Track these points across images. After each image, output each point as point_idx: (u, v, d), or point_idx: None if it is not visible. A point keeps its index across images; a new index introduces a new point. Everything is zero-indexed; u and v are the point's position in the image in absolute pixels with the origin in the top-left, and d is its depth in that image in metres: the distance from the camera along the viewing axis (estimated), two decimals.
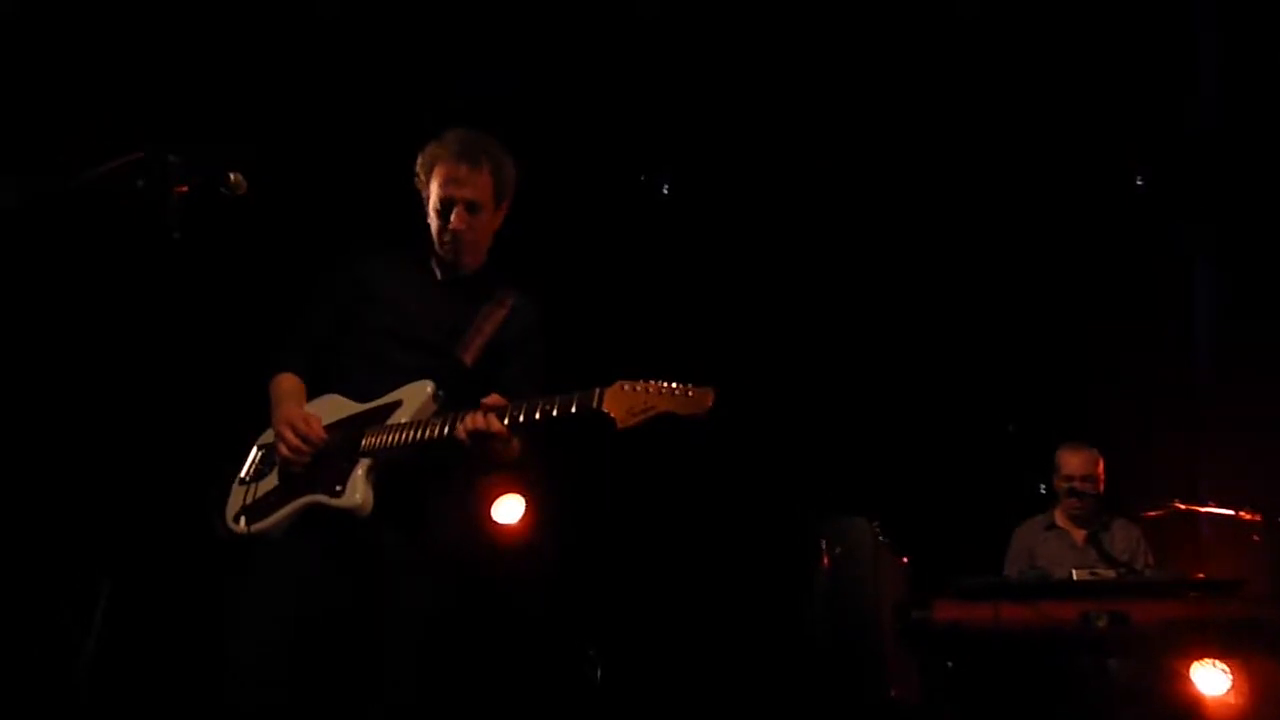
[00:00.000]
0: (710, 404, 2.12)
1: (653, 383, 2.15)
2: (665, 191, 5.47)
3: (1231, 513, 3.77)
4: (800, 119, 4.89)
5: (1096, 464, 4.28)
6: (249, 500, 2.49)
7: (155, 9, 4.01)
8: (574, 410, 2.20)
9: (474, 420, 2.27)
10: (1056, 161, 4.99)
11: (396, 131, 2.85)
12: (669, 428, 2.11)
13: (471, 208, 2.54)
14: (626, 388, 2.15)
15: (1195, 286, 5.10)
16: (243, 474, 2.56)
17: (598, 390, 2.18)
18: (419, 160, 2.60)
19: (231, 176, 2.35)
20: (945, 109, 4.81)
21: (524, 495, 5.06)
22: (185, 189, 2.28)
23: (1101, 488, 4.27)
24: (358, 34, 4.35)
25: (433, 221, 2.58)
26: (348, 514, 2.35)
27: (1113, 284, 5.13)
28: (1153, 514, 4.02)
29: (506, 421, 2.26)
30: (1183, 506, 3.87)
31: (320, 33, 4.28)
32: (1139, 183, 5.14)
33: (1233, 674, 3.43)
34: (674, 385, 2.14)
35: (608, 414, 2.14)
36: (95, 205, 2.16)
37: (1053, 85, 4.67)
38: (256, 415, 2.61)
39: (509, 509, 5.04)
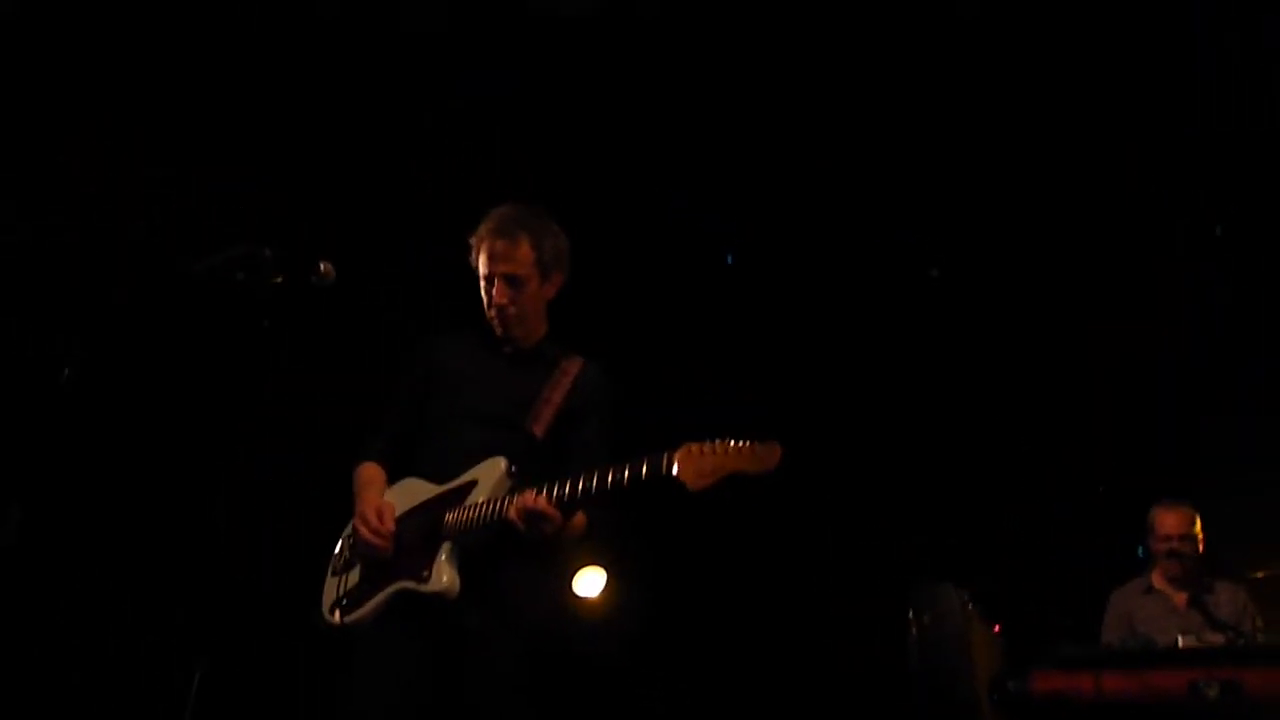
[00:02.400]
0: (778, 459, 2.09)
1: (719, 442, 2.11)
2: (730, 261, 5.47)
3: None
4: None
5: (1194, 522, 4.12)
6: (341, 591, 2.54)
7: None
8: (644, 476, 2.17)
9: (523, 500, 2.29)
10: (1143, 213, 4.92)
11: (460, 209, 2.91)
12: (741, 488, 2.08)
13: (511, 282, 2.57)
14: (695, 449, 2.12)
15: None
16: (333, 565, 2.61)
17: (665, 454, 2.15)
18: (471, 240, 2.66)
19: (322, 266, 2.45)
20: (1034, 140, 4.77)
21: (605, 568, 5.04)
22: (280, 279, 2.39)
23: (1201, 548, 4.10)
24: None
25: (483, 297, 2.64)
26: (437, 598, 2.37)
27: (1210, 335, 5.01)
28: (1262, 574, 3.84)
29: (553, 499, 2.27)
30: None
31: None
32: (1218, 232, 5.05)
33: None
34: (741, 443, 2.11)
35: (678, 479, 2.11)
36: (196, 298, 2.27)
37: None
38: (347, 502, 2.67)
39: (590, 582, 5.03)
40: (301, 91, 4.36)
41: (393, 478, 2.65)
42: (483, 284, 2.63)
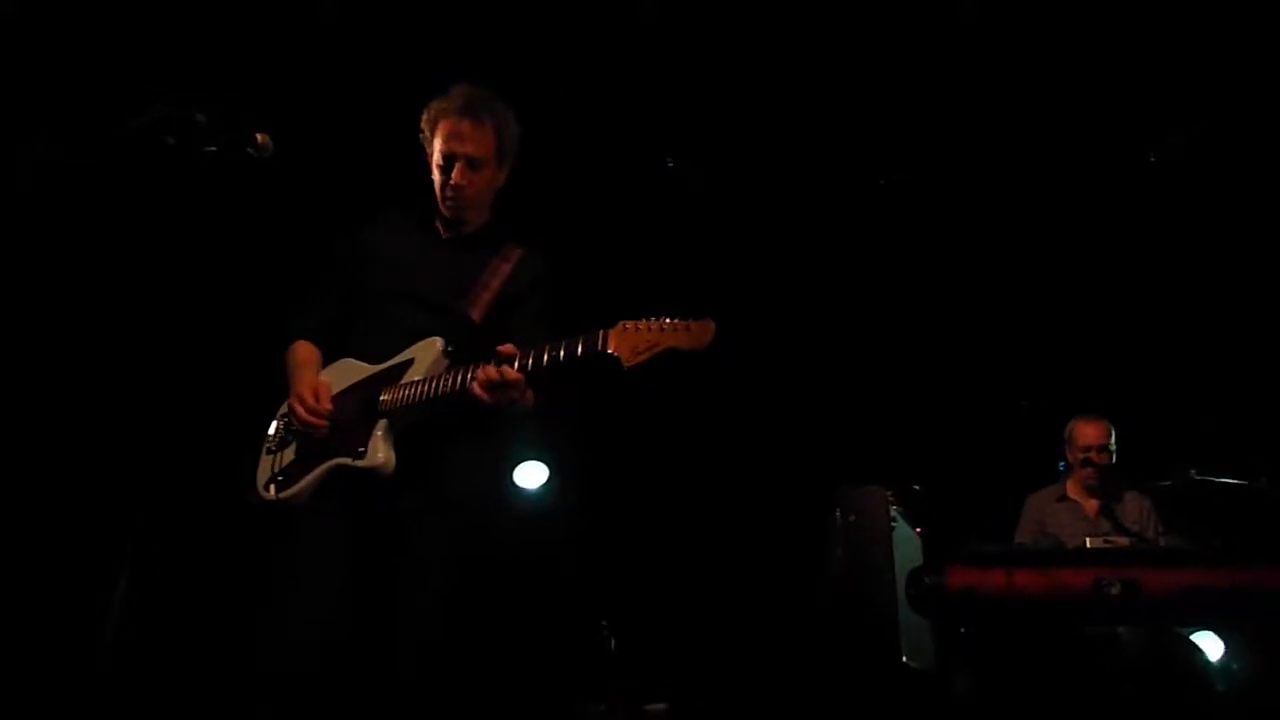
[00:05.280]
0: (711, 337, 2.12)
1: (654, 320, 2.15)
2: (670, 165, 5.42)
3: (1247, 482, 3.78)
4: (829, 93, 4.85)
5: (1110, 434, 4.32)
6: (276, 468, 2.53)
7: None
8: (579, 353, 2.20)
9: (486, 373, 2.28)
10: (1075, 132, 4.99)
11: (400, 91, 2.83)
12: (676, 366, 2.10)
13: (473, 164, 2.55)
14: (629, 327, 2.15)
15: None
16: (268, 444, 2.60)
17: (601, 332, 2.18)
18: (424, 116, 2.60)
19: (259, 137, 2.38)
20: (950, 94, 4.81)
21: (546, 462, 5.09)
22: (214, 148, 2.31)
23: (1114, 459, 4.29)
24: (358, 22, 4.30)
25: (435, 177, 2.60)
26: (371, 474, 2.38)
27: (1132, 257, 5.15)
28: (1166, 483, 4.03)
29: (518, 368, 2.27)
30: (1198, 476, 3.88)
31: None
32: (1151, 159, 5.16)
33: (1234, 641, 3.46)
34: (675, 320, 2.14)
35: (614, 354, 2.14)
36: (124, 161, 2.18)
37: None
38: (279, 381, 2.64)
39: (531, 474, 5.08)
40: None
41: (325, 357, 2.63)
42: (439, 161, 2.58)
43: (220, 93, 2.57)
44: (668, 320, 2.14)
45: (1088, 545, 3.71)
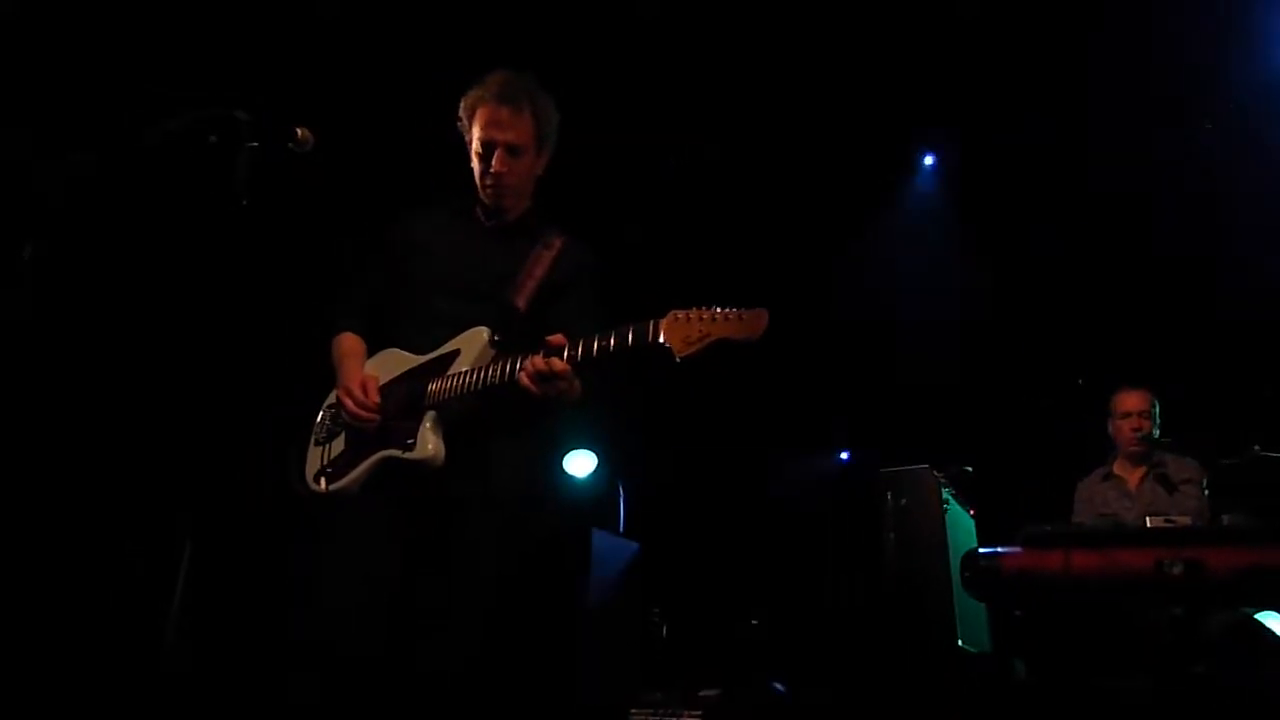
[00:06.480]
0: (764, 326, 2.07)
1: (705, 309, 2.10)
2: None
3: None
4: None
5: (1152, 403, 4.26)
6: (325, 460, 2.53)
7: None
8: (630, 343, 2.16)
9: (534, 363, 2.26)
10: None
11: (437, 81, 2.83)
12: (728, 356, 2.06)
13: (513, 151, 2.53)
14: (681, 316, 2.11)
15: None
16: (316, 435, 2.60)
17: (652, 322, 2.14)
18: (462, 104, 2.59)
19: (299, 132, 2.38)
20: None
21: (595, 452, 5.11)
22: (255, 144, 2.33)
23: (1157, 430, 4.22)
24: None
25: (475, 165, 2.58)
26: (421, 465, 2.37)
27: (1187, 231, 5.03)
28: (1230, 460, 3.93)
29: (566, 358, 2.24)
30: (1262, 451, 3.77)
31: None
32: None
33: None
34: (727, 310, 2.09)
35: (666, 345, 2.10)
36: (167, 162, 2.20)
37: None
38: (326, 372, 2.66)
39: (580, 464, 5.11)
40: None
41: (369, 348, 2.63)
42: (478, 149, 2.56)
43: (229, 89, 2.58)
44: (719, 310, 2.10)
45: (1148, 525, 3.63)
